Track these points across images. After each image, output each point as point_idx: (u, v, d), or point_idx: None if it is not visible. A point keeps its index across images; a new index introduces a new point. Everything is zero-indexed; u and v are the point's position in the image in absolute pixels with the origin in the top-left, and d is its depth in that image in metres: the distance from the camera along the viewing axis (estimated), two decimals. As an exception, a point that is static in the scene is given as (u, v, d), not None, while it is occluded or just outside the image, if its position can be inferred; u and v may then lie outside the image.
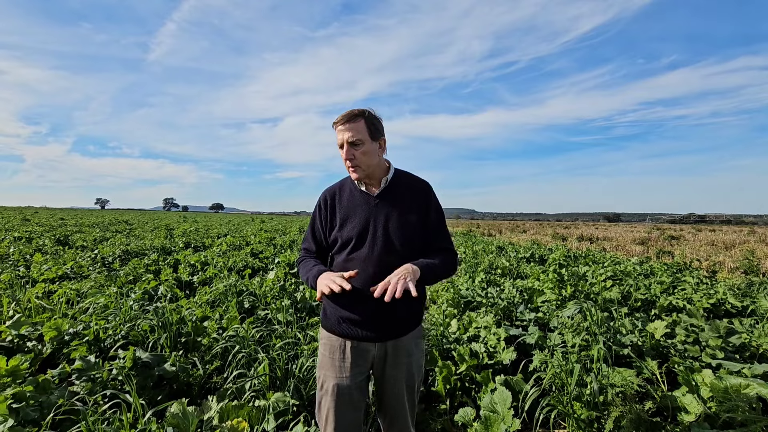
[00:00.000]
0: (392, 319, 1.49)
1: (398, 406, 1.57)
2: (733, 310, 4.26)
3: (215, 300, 4.58)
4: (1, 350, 3.01)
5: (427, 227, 1.57)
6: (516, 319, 4.01)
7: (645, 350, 3.05)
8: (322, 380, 1.54)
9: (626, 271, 6.49)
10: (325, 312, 1.58)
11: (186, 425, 2.00)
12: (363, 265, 1.47)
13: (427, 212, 1.57)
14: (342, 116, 1.47)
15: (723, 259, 10.71)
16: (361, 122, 1.47)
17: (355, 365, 1.50)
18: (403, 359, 1.54)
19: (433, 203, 1.60)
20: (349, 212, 1.55)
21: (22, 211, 43.99)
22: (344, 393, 1.49)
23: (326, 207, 1.61)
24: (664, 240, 18.67)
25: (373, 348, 1.51)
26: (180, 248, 10.08)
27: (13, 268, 6.59)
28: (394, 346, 1.52)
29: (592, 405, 2.23)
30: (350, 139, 1.44)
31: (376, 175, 1.57)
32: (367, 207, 1.54)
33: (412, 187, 1.61)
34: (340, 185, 1.65)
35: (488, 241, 15.19)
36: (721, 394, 2.08)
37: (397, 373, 1.53)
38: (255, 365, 2.77)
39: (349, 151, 1.46)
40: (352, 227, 1.52)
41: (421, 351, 1.63)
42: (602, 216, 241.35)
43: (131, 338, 3.17)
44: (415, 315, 1.58)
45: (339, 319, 1.51)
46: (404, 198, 1.56)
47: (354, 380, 1.50)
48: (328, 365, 1.52)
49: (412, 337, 1.56)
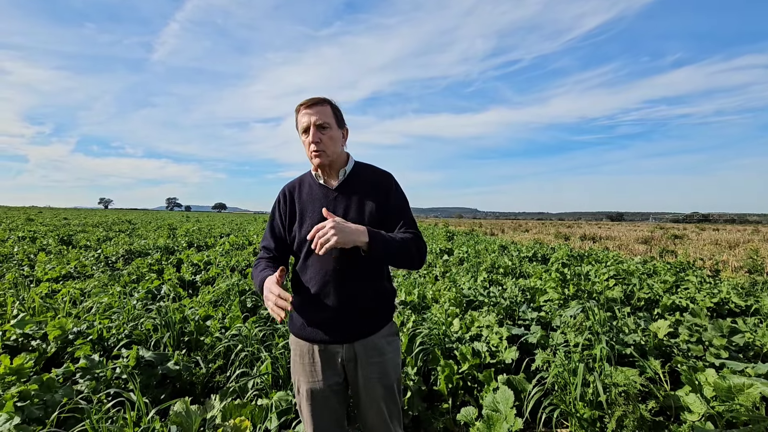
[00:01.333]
0: (357, 318, 1.44)
1: (375, 408, 1.48)
2: (737, 310, 4.25)
3: (218, 299, 4.59)
4: (6, 349, 3.03)
5: (388, 214, 1.49)
6: (518, 319, 4.01)
7: (648, 349, 3.04)
8: (297, 385, 1.52)
9: (629, 270, 6.47)
10: (291, 316, 1.54)
11: (189, 424, 2.02)
12: (322, 262, 1.42)
13: (387, 199, 1.50)
14: (307, 100, 1.42)
15: (727, 259, 10.66)
16: (328, 107, 1.44)
17: (326, 368, 1.46)
18: (374, 359, 1.46)
19: (393, 191, 1.53)
20: (307, 206, 1.50)
21: (26, 211, 44.23)
22: (318, 397, 1.46)
23: (285, 201, 1.55)
24: (667, 239, 18.60)
25: (341, 350, 1.45)
26: (183, 248, 10.12)
27: (17, 267, 6.63)
28: (364, 345, 1.45)
29: (595, 404, 2.23)
30: (317, 121, 1.40)
31: (337, 166, 1.51)
32: (326, 200, 1.48)
33: (372, 178, 1.54)
34: (300, 180, 1.60)
35: (490, 241, 15.17)
36: (725, 394, 2.08)
37: (369, 374, 1.45)
38: (257, 364, 2.78)
39: (316, 134, 1.40)
40: (311, 222, 1.44)
41: (396, 349, 1.55)
42: (605, 215, 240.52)
43: (134, 337, 3.18)
44: (384, 312, 1.51)
45: (303, 323, 1.47)
46: (364, 190, 1.50)
47: (327, 383, 1.46)
48: (300, 370, 1.49)
49: (382, 335, 1.49)
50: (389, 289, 1.55)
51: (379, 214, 1.46)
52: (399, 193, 1.55)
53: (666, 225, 45.54)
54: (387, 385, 1.48)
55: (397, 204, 1.52)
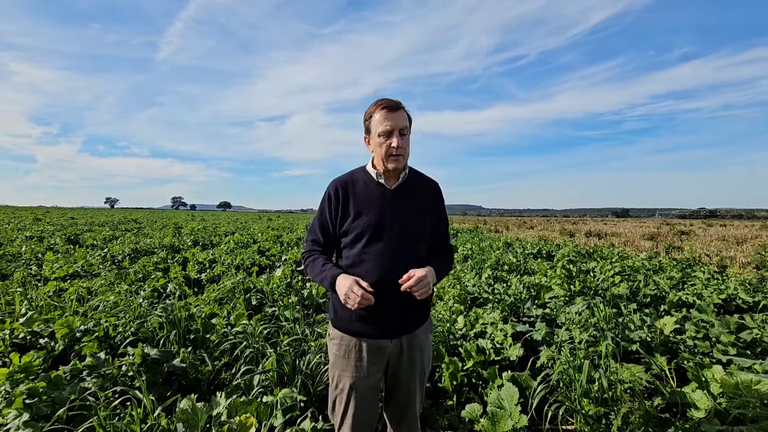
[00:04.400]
0: (405, 314, 1.50)
1: (411, 398, 1.60)
2: (744, 306, 4.21)
3: (223, 297, 4.62)
4: (15, 347, 3.07)
5: (439, 226, 1.64)
6: (523, 316, 3.99)
7: (654, 346, 3.02)
8: (337, 380, 1.53)
9: (635, 266, 6.42)
10: (335, 310, 1.54)
11: (195, 421, 2.03)
12: (378, 258, 1.45)
13: (440, 211, 1.64)
14: (389, 103, 1.44)
15: (734, 254, 10.55)
16: (405, 113, 1.47)
17: (372, 364, 1.49)
18: (416, 353, 1.56)
19: (443, 203, 1.67)
20: (365, 204, 1.51)
21: (33, 211, 44.68)
22: (362, 392, 1.49)
23: (337, 197, 1.54)
24: (673, 235, 18.44)
25: (389, 344, 1.51)
26: (188, 246, 10.18)
27: (25, 266, 6.71)
28: (409, 340, 1.54)
29: (601, 401, 2.22)
30: (401, 127, 1.44)
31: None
32: (384, 200, 1.51)
33: (425, 185, 1.63)
34: (352, 176, 1.60)
35: (495, 238, 15.12)
36: (732, 390, 2.06)
37: (411, 368, 1.56)
38: (263, 361, 2.80)
39: (399, 139, 1.43)
40: (369, 219, 1.48)
41: (430, 343, 1.67)
42: (610, 211, 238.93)
43: (141, 335, 3.21)
44: (426, 307, 1.59)
45: (352, 318, 1.48)
46: (419, 195, 1.58)
47: (370, 379, 1.50)
48: (343, 365, 1.50)
49: (423, 330, 1.59)
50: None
51: (431, 225, 1.60)
52: (444, 206, 1.70)
53: (672, 221, 45.17)
54: (421, 377, 1.61)
55: (445, 218, 1.69)
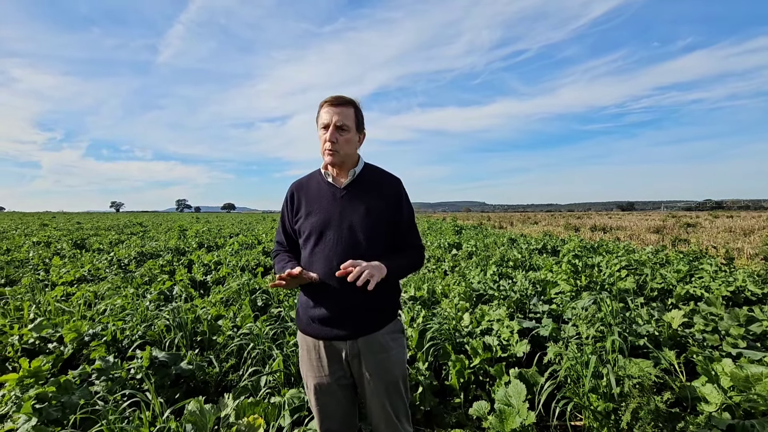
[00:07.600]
0: (361, 314, 1.44)
1: (380, 405, 1.48)
2: (753, 298, 4.16)
3: (229, 299, 4.63)
4: (24, 352, 3.10)
5: (399, 224, 1.54)
6: (529, 312, 3.97)
7: (662, 340, 3.00)
8: (305, 380, 1.56)
9: (641, 260, 6.38)
10: (297, 313, 1.57)
11: (203, 422, 2.04)
12: (327, 258, 1.44)
13: (398, 209, 1.54)
14: (334, 97, 1.44)
15: (741, 246, 10.45)
16: (351, 110, 1.46)
17: (331, 364, 1.48)
18: (378, 356, 1.46)
19: (404, 200, 1.57)
20: (314, 204, 1.52)
21: (40, 217, 45.10)
22: (325, 391, 1.49)
23: (292, 199, 1.59)
24: (679, 228, 18.30)
25: (345, 346, 1.46)
26: (193, 248, 10.22)
27: (33, 272, 6.77)
28: (367, 342, 1.45)
29: (609, 397, 2.20)
30: (338, 122, 1.42)
31: (347, 166, 1.53)
32: (333, 199, 1.51)
33: (381, 181, 1.57)
34: (308, 177, 1.63)
35: (499, 234, 15.07)
36: (742, 384, 2.04)
37: (372, 371, 1.46)
38: (269, 362, 2.80)
39: (333, 133, 1.43)
40: (317, 219, 1.49)
41: (401, 346, 1.55)
42: (615, 205, 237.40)
43: (148, 338, 3.23)
44: (388, 309, 1.52)
45: (309, 320, 1.48)
46: (372, 192, 1.52)
47: (333, 378, 1.48)
48: (308, 365, 1.52)
49: (386, 332, 1.50)
50: (394, 287, 1.56)
51: (387, 223, 1.51)
52: (408, 202, 1.60)
53: (678, 213, 44.80)
54: (391, 381, 1.50)
55: (407, 215, 1.58)
